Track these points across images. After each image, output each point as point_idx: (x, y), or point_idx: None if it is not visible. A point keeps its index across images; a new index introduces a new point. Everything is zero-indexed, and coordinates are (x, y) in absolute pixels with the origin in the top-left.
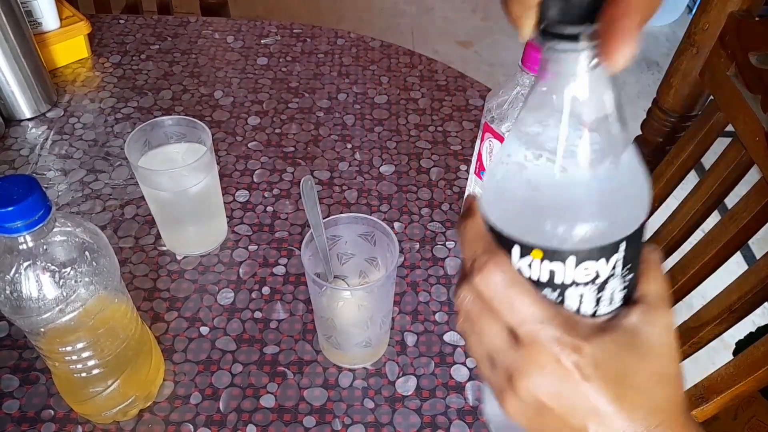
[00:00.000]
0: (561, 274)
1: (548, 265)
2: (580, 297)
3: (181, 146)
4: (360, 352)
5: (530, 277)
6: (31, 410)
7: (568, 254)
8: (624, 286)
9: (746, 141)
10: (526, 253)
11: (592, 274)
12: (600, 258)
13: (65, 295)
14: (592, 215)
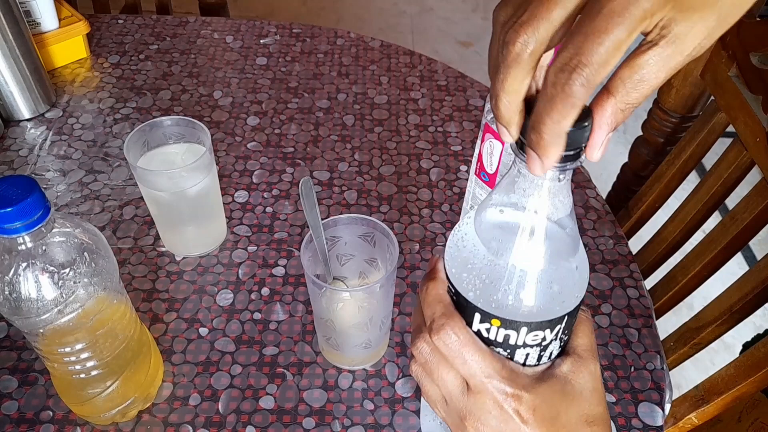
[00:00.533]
0: (514, 338)
1: (504, 331)
2: (526, 355)
3: (180, 147)
4: (360, 354)
5: (487, 337)
6: (30, 411)
7: (522, 325)
8: (560, 345)
9: (747, 141)
10: (486, 320)
11: (539, 339)
12: (547, 328)
13: (64, 296)
14: (546, 300)
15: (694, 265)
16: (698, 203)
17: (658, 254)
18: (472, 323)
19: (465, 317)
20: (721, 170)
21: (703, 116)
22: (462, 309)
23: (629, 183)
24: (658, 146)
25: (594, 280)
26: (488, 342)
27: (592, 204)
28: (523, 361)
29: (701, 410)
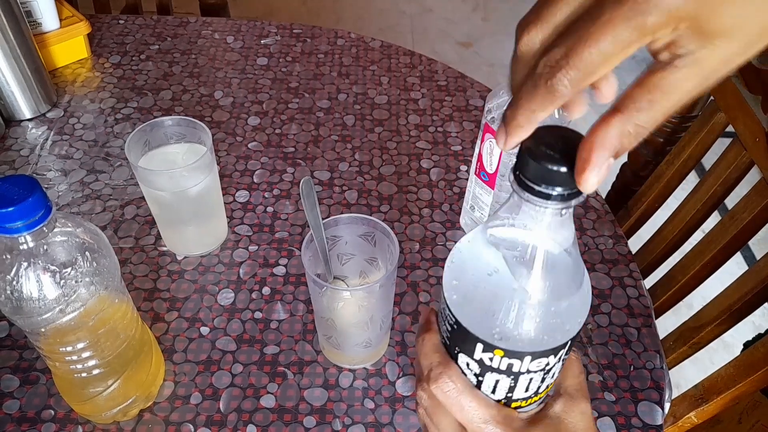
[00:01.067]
0: (518, 366)
1: (507, 360)
2: (530, 380)
3: (181, 146)
4: (360, 353)
5: (490, 365)
6: (32, 410)
7: (526, 354)
8: (563, 365)
9: (746, 141)
10: (488, 350)
11: (543, 365)
12: (551, 355)
13: (65, 295)
14: (551, 330)
15: (693, 264)
16: (698, 203)
17: (658, 254)
18: (474, 352)
19: (467, 347)
20: (720, 170)
21: (702, 116)
22: (463, 339)
23: (629, 183)
24: (658, 146)
25: (594, 280)
26: (491, 369)
27: (592, 203)
28: (527, 385)
29: (701, 409)
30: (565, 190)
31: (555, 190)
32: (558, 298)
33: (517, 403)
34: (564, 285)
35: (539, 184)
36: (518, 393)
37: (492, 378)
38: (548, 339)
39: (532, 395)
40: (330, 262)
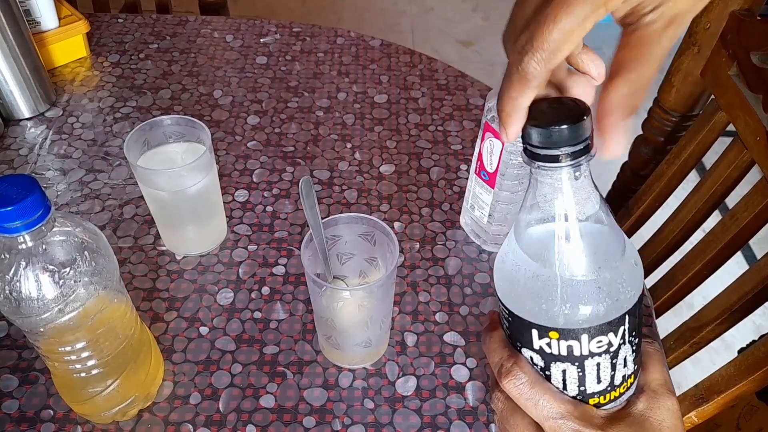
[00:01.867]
0: (578, 348)
1: (565, 342)
2: (597, 366)
3: (180, 146)
4: (360, 353)
5: (551, 352)
6: (31, 410)
7: (581, 332)
8: (633, 349)
9: (747, 141)
10: (544, 334)
11: (605, 345)
12: (609, 332)
13: (64, 294)
14: (598, 302)
15: (694, 264)
16: (698, 202)
17: (658, 253)
18: (532, 342)
19: (525, 338)
20: (721, 169)
21: (703, 115)
22: (520, 330)
23: (629, 182)
24: (658, 145)
25: None
26: (553, 358)
27: None
28: (596, 373)
29: (701, 409)
30: (570, 149)
31: (561, 149)
32: (598, 267)
33: (595, 399)
34: (602, 253)
35: (544, 148)
36: (591, 385)
37: (558, 369)
38: (598, 312)
39: (608, 388)
40: (329, 261)
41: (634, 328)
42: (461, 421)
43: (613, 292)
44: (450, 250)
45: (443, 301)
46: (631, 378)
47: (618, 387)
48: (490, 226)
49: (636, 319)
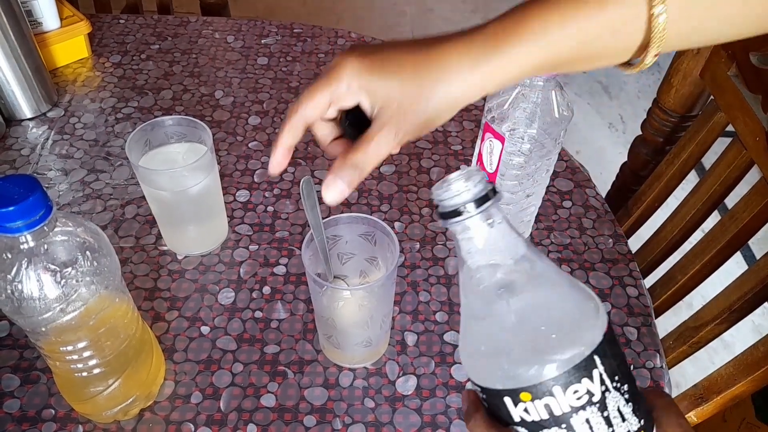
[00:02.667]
0: (556, 406)
1: (540, 402)
2: (588, 423)
3: (181, 146)
4: (360, 352)
5: (533, 420)
6: (32, 410)
7: (551, 385)
8: (626, 398)
9: (746, 141)
10: (517, 400)
11: (584, 395)
12: (583, 378)
13: (66, 294)
14: (552, 344)
15: (693, 264)
16: (697, 202)
17: (658, 253)
18: (511, 414)
19: (503, 413)
20: (720, 170)
21: (702, 116)
22: (497, 405)
23: (629, 182)
24: (658, 146)
25: (593, 279)
26: (539, 426)
27: (592, 203)
28: (592, 430)
29: (700, 409)
30: (469, 197)
31: (460, 201)
32: (539, 307)
33: None
34: (542, 294)
35: (447, 205)
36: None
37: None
38: (559, 357)
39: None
40: (330, 261)
41: (614, 372)
42: (461, 420)
43: (565, 331)
44: (450, 250)
45: (443, 301)
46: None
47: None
48: None
49: (612, 360)
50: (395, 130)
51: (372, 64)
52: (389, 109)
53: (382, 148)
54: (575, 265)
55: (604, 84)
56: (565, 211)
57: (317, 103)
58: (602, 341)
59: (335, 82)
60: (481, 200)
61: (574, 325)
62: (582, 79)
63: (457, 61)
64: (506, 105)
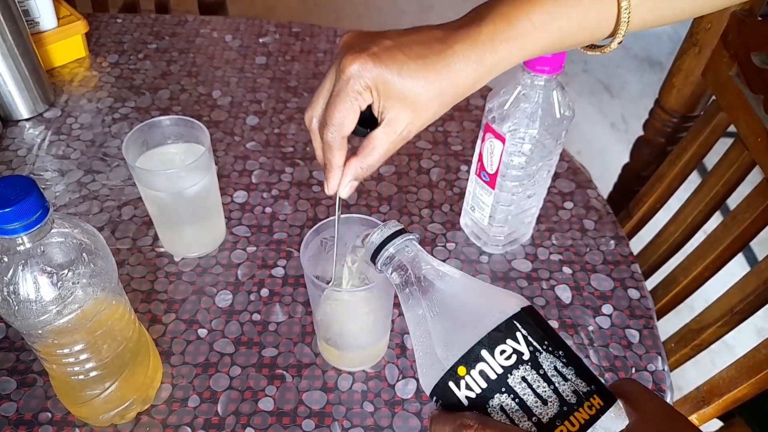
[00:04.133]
0: (489, 369)
1: (475, 372)
2: (524, 381)
3: (179, 146)
4: (359, 355)
5: (478, 393)
6: (29, 413)
7: (478, 350)
8: (564, 362)
9: (748, 141)
10: (457, 379)
11: (512, 354)
12: (506, 338)
13: (62, 296)
14: (467, 318)
15: (695, 265)
16: (699, 203)
17: (659, 255)
18: (459, 398)
19: (454, 403)
20: (722, 170)
21: (704, 116)
22: (446, 396)
23: (630, 183)
24: (660, 146)
25: (595, 281)
26: (483, 398)
27: (593, 204)
28: (530, 391)
29: (702, 412)
30: (388, 252)
31: (383, 258)
32: (456, 298)
33: (560, 427)
34: (454, 290)
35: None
36: (539, 409)
37: (496, 408)
38: (478, 322)
39: (564, 408)
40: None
41: (542, 338)
42: None
43: (481, 306)
44: (450, 252)
45: None
46: (595, 398)
47: (579, 406)
48: (490, 228)
49: (538, 329)
50: (403, 124)
51: (376, 61)
52: (396, 105)
53: (390, 145)
54: (576, 267)
55: (605, 84)
56: (566, 212)
57: (351, 120)
58: (521, 312)
59: (358, 96)
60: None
61: (490, 301)
62: (583, 78)
63: (462, 58)
64: (507, 105)
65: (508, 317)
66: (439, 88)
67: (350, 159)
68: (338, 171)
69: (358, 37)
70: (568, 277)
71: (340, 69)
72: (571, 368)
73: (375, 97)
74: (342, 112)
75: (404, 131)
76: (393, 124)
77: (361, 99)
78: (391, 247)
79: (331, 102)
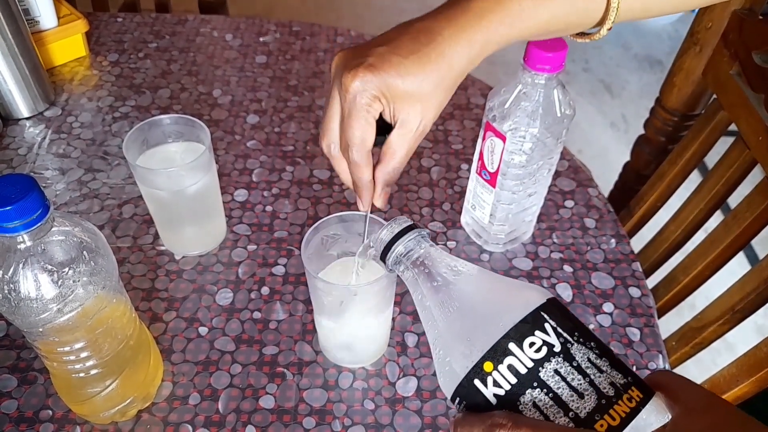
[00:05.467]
0: (518, 363)
1: (504, 367)
2: (558, 375)
3: (179, 145)
4: (360, 353)
5: (508, 390)
6: (29, 410)
7: (505, 343)
8: (598, 353)
9: (749, 140)
10: (484, 376)
11: (543, 346)
12: (534, 330)
13: (63, 294)
14: (492, 312)
15: (695, 264)
16: (700, 202)
17: (660, 253)
18: (486, 397)
19: (480, 402)
20: (723, 169)
21: (705, 115)
22: (473, 398)
23: (631, 182)
24: (660, 145)
25: (596, 279)
26: (514, 394)
27: (594, 203)
28: (563, 383)
29: None
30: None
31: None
32: (478, 293)
33: (601, 422)
34: (476, 285)
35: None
36: (575, 403)
37: (528, 405)
38: (503, 315)
39: (603, 402)
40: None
41: (573, 329)
42: None
43: (506, 299)
44: (451, 250)
45: None
46: (633, 390)
47: (618, 399)
48: (491, 226)
49: (567, 321)
50: (417, 121)
51: (374, 71)
52: (405, 105)
53: (409, 143)
54: (577, 266)
55: (606, 83)
56: (567, 210)
57: (370, 134)
58: (547, 303)
59: (370, 109)
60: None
61: (513, 293)
62: (584, 78)
63: (453, 42)
64: (507, 103)
65: (534, 308)
66: (439, 76)
67: (375, 169)
68: (370, 186)
69: (349, 55)
70: (568, 276)
71: (344, 89)
72: (606, 360)
73: (384, 104)
74: (359, 129)
75: (420, 126)
76: (407, 124)
77: (373, 110)
78: (401, 244)
79: (346, 123)
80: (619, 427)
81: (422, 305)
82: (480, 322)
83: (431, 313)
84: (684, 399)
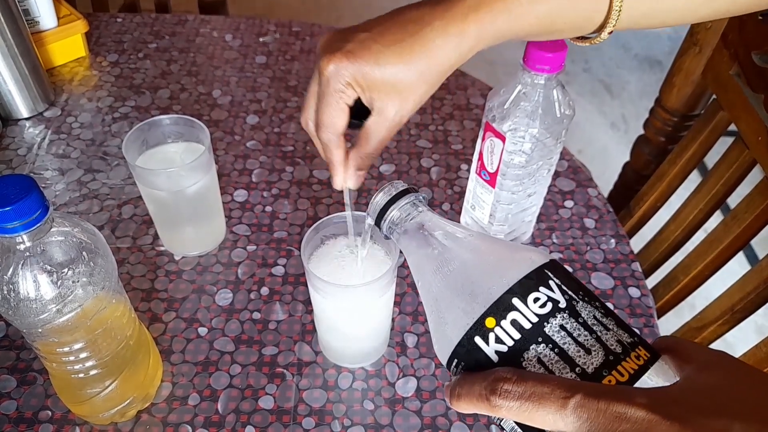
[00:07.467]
0: (523, 318)
1: (506, 322)
2: (564, 330)
3: (179, 146)
4: (360, 353)
5: (510, 347)
6: (29, 411)
7: (509, 298)
8: (604, 312)
9: (749, 140)
10: (485, 332)
11: (548, 302)
12: (539, 286)
13: (63, 295)
14: (494, 268)
15: (695, 264)
16: (700, 202)
17: (660, 253)
18: (487, 354)
19: (481, 360)
20: (722, 169)
21: (704, 115)
22: (473, 357)
23: (631, 182)
24: (660, 145)
25: (596, 280)
26: (517, 351)
27: (594, 203)
28: (569, 338)
29: None
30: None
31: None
32: (478, 251)
33: (609, 377)
34: (476, 243)
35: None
36: (583, 359)
37: (532, 360)
38: (506, 271)
39: (611, 358)
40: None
41: (578, 289)
42: (462, 423)
43: (508, 255)
44: None
45: None
46: (641, 349)
47: (626, 356)
48: (490, 226)
49: (572, 281)
50: (393, 111)
51: (351, 57)
52: (381, 94)
53: (384, 132)
54: (577, 266)
55: (606, 83)
56: (566, 210)
57: (340, 119)
58: (551, 262)
59: (342, 95)
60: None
61: (515, 252)
62: (584, 78)
63: (442, 34)
64: (507, 104)
65: (538, 266)
66: (421, 67)
67: (350, 151)
68: (341, 167)
69: (334, 37)
70: None
71: (320, 72)
72: (611, 319)
73: (359, 91)
74: (329, 113)
75: (396, 117)
76: (383, 113)
77: (345, 96)
78: (396, 209)
79: (319, 105)
80: (626, 384)
81: (419, 269)
82: (482, 278)
83: (429, 277)
84: (696, 358)
